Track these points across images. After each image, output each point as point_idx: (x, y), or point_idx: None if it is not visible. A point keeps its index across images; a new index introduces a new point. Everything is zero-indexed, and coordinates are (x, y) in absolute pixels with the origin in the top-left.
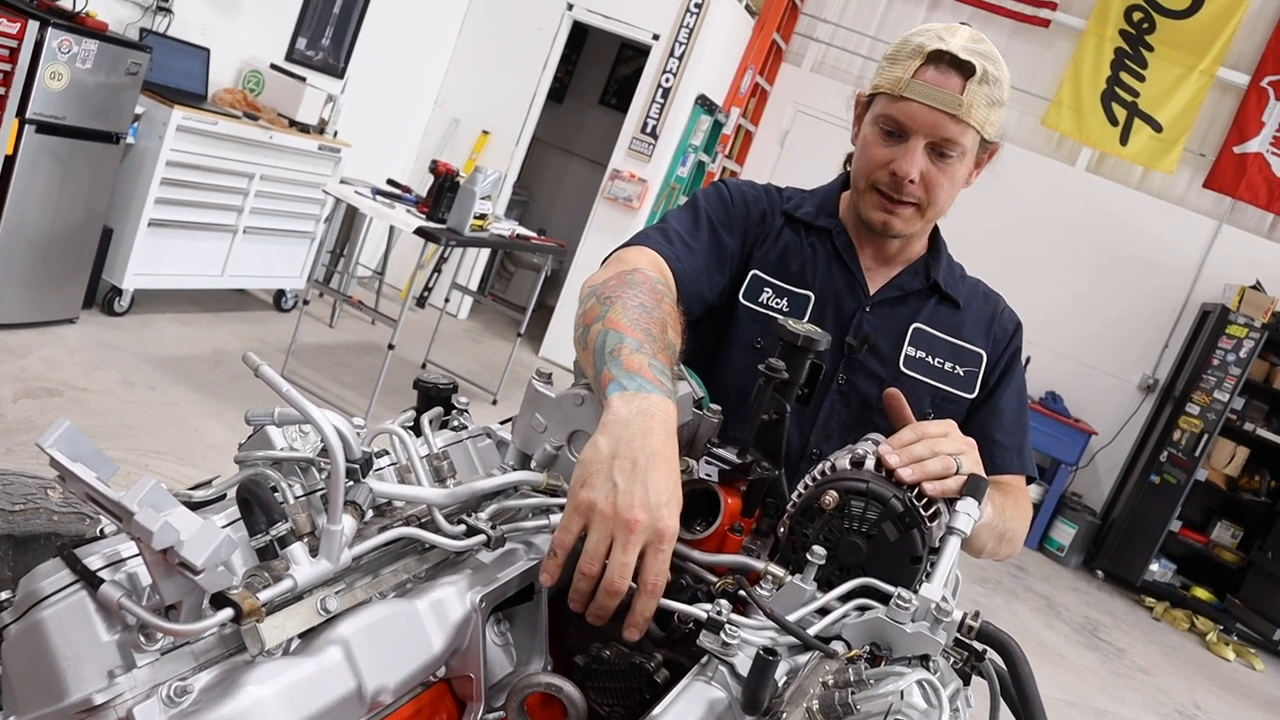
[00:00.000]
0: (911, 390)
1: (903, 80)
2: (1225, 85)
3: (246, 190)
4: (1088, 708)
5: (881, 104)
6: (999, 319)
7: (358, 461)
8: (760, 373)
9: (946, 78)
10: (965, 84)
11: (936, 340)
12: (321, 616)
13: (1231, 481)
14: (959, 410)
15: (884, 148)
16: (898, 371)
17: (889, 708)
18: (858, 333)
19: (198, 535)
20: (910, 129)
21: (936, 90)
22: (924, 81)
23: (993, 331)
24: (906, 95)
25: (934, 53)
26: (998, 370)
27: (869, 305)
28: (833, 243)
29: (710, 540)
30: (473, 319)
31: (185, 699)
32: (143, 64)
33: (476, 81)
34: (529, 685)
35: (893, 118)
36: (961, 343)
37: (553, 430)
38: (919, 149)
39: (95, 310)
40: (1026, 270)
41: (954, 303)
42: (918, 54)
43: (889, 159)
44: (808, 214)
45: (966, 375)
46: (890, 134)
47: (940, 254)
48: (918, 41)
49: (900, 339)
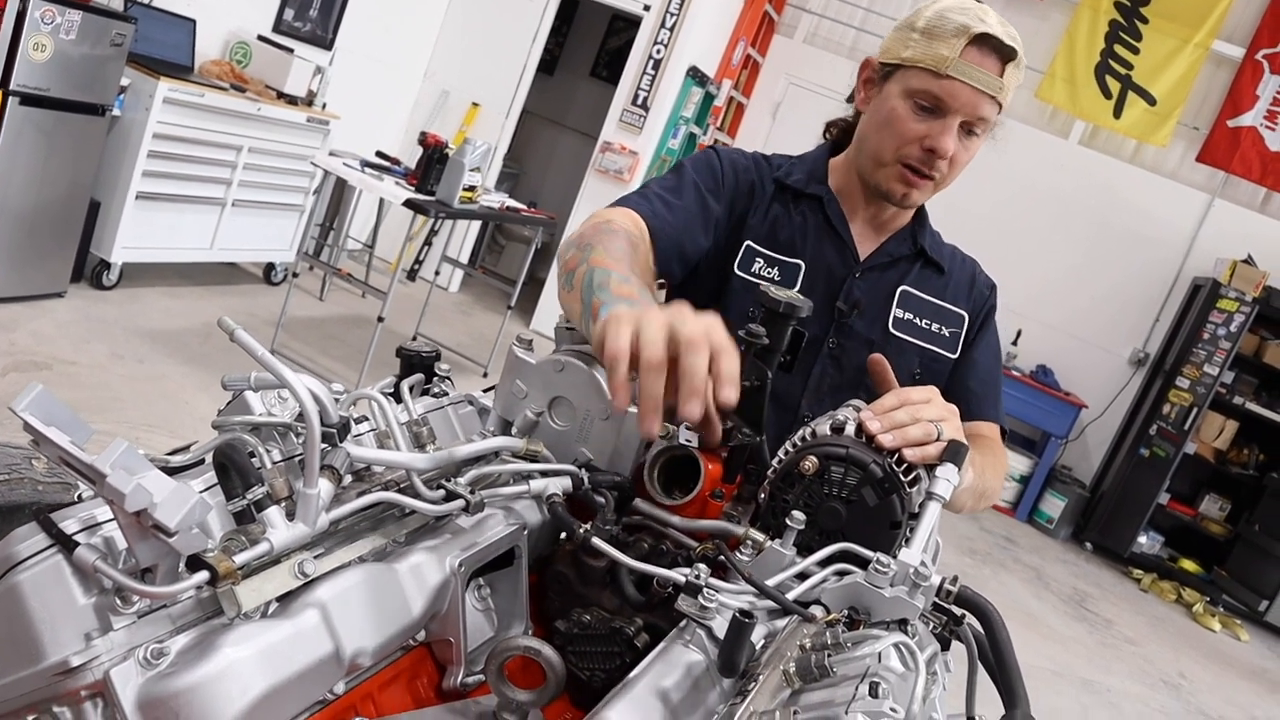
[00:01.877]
0: (900, 351)
1: (949, 59)
2: (1220, 58)
3: (234, 163)
4: (1075, 677)
5: (920, 79)
6: (978, 282)
7: (335, 426)
8: (740, 339)
9: (989, 59)
10: (1004, 67)
11: (923, 302)
12: (299, 580)
13: (1220, 455)
14: (944, 369)
15: (918, 123)
16: (886, 333)
17: (866, 670)
18: (848, 298)
19: (171, 497)
20: (951, 108)
21: (981, 72)
22: (969, 62)
23: (972, 294)
24: (952, 74)
25: (980, 35)
26: (975, 328)
27: (859, 271)
28: (823, 210)
29: (691, 506)
30: (463, 292)
31: (162, 661)
32: (127, 35)
33: (466, 53)
34: (508, 649)
35: (934, 94)
36: (945, 304)
37: (534, 396)
38: (955, 126)
39: (84, 284)
40: (1019, 244)
41: (939, 267)
42: (962, 33)
43: (923, 134)
44: (798, 181)
45: (951, 336)
46: (925, 109)
47: (925, 221)
48: (960, 20)
49: (889, 302)
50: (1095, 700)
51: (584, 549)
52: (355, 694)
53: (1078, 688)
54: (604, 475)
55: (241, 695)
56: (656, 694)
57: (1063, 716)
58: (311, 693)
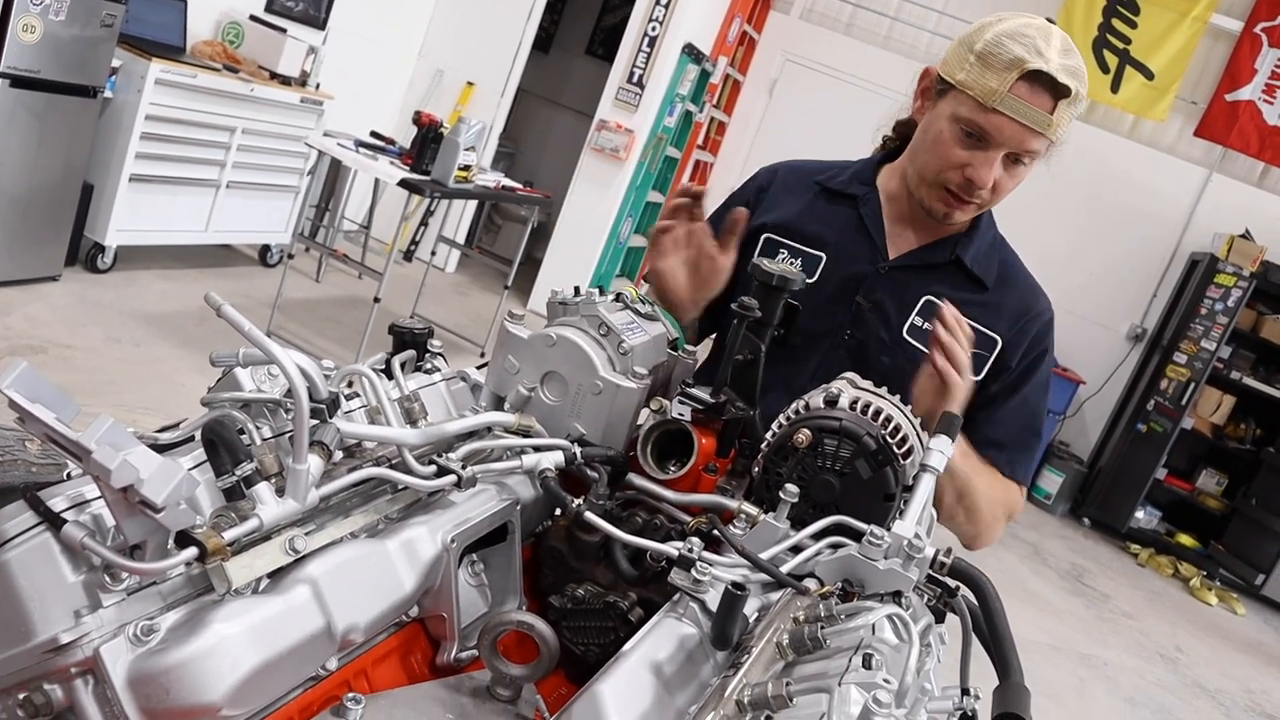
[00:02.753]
0: (911, 358)
1: (997, 93)
2: (1218, 32)
3: (228, 144)
4: (1072, 652)
5: (968, 107)
6: (1031, 314)
7: (324, 402)
8: (733, 312)
9: (1040, 96)
10: (1056, 105)
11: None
12: (290, 556)
13: (1217, 430)
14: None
15: (961, 150)
16: (900, 337)
17: (860, 642)
18: (869, 294)
19: (158, 473)
20: (995, 141)
21: (1030, 109)
22: (1018, 97)
23: (1020, 324)
24: (999, 109)
25: (1034, 71)
26: (1018, 367)
27: (884, 269)
28: (858, 208)
29: (684, 480)
30: (460, 272)
31: (152, 638)
32: (118, 15)
33: (460, 32)
34: (501, 624)
35: (979, 125)
36: (975, 324)
37: (526, 372)
38: (998, 159)
39: (78, 267)
40: (1015, 220)
41: (980, 283)
42: (1015, 66)
43: (965, 162)
44: (840, 183)
45: (975, 358)
46: (970, 137)
47: (977, 232)
48: (1017, 52)
49: (910, 307)
50: (1092, 674)
51: (577, 524)
52: (348, 670)
53: (1075, 661)
54: (596, 449)
55: (232, 671)
56: (650, 667)
57: (1060, 690)
58: (303, 668)
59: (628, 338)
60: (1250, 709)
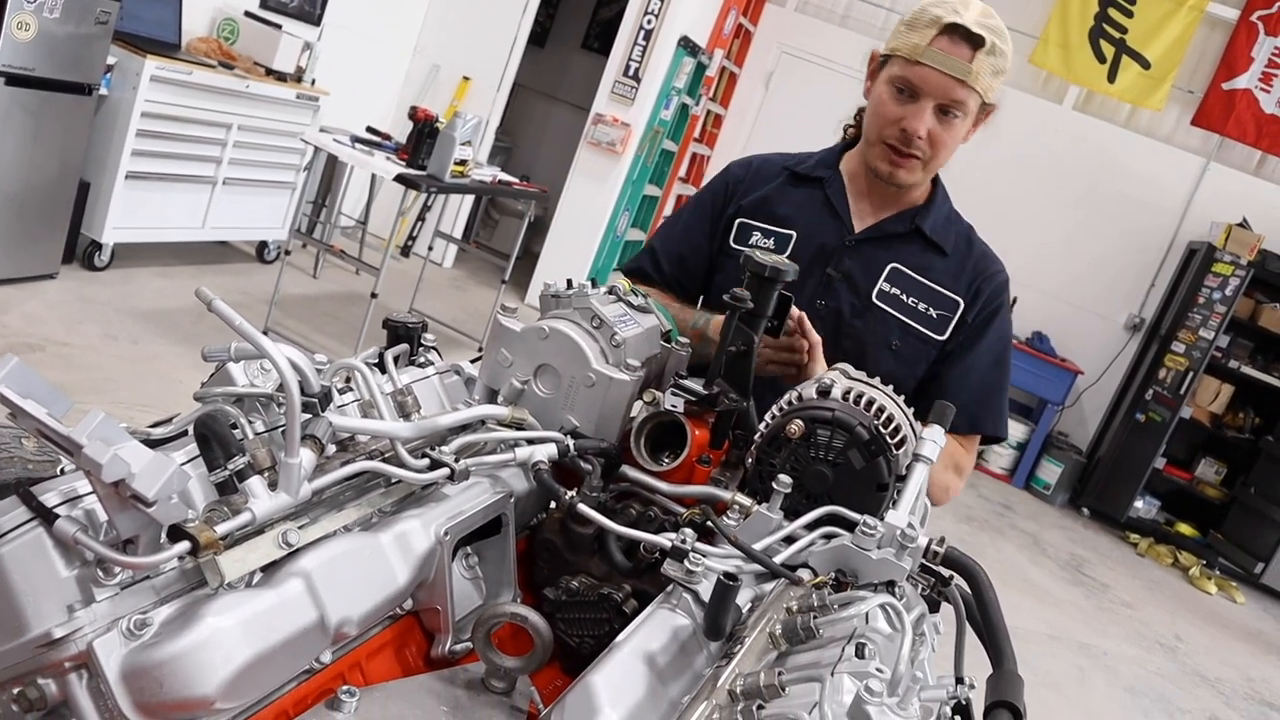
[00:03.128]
0: (881, 321)
1: (919, 47)
2: (1214, 20)
3: (224, 141)
4: (1071, 641)
5: (897, 66)
6: (985, 275)
7: (316, 395)
8: (725, 303)
9: (958, 47)
10: (974, 54)
11: (913, 281)
12: (283, 550)
13: (1216, 419)
14: (927, 349)
15: (896, 106)
16: (869, 302)
17: (853, 631)
18: (838, 266)
19: (149, 467)
20: (922, 91)
21: (949, 58)
22: (938, 49)
23: (975, 285)
24: (922, 61)
25: (949, 24)
26: (974, 325)
27: (851, 242)
28: (824, 189)
29: (678, 472)
30: (458, 267)
31: (145, 631)
32: (112, 12)
33: (456, 27)
34: (495, 616)
35: (907, 79)
36: (938, 287)
37: (519, 365)
38: (928, 109)
39: (75, 265)
40: (1013, 210)
41: (940, 249)
42: (934, 24)
43: (900, 116)
44: (807, 168)
45: (939, 318)
46: (902, 93)
47: (934, 204)
48: (935, 13)
49: (877, 275)
50: (1092, 663)
51: (571, 516)
52: (343, 663)
53: (1075, 651)
54: (590, 442)
55: (225, 664)
56: (643, 658)
57: (1060, 680)
58: (297, 661)
59: (620, 330)
60: (1250, 697)
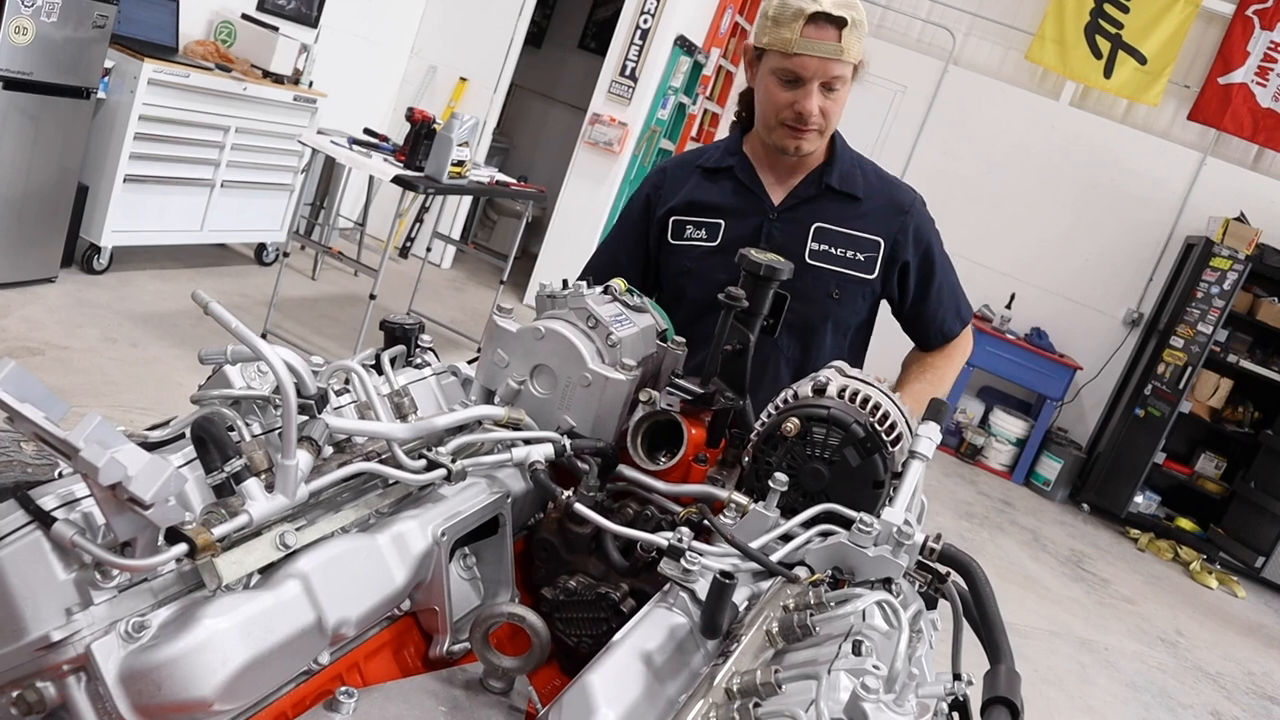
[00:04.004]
0: (818, 277)
1: (792, 40)
2: (1210, 15)
3: (222, 143)
4: (1072, 637)
5: (776, 60)
6: (901, 210)
7: (312, 397)
8: (720, 302)
9: (825, 31)
10: (840, 33)
11: (837, 234)
12: (281, 551)
13: (1215, 413)
14: (864, 289)
15: (785, 92)
16: (805, 264)
17: (850, 629)
18: (769, 239)
19: (146, 470)
20: (805, 76)
21: (820, 43)
22: (810, 38)
23: (898, 223)
24: (798, 51)
25: (813, 14)
26: (916, 265)
27: (775, 215)
28: (736, 174)
29: (675, 471)
30: (456, 268)
31: (144, 634)
32: (110, 16)
33: (453, 28)
34: (493, 616)
35: (789, 70)
36: (859, 233)
37: (515, 365)
38: (814, 90)
39: (74, 269)
40: (1011, 207)
41: (853, 197)
42: (799, 15)
43: (791, 100)
44: (715, 160)
45: (866, 260)
46: (787, 81)
47: (835, 159)
48: (797, 4)
49: (804, 237)
50: (1094, 659)
51: (569, 515)
52: (341, 664)
53: (1075, 647)
54: (586, 441)
55: (223, 666)
56: (640, 657)
57: (1062, 676)
58: (295, 663)
59: (616, 329)
60: (1251, 691)
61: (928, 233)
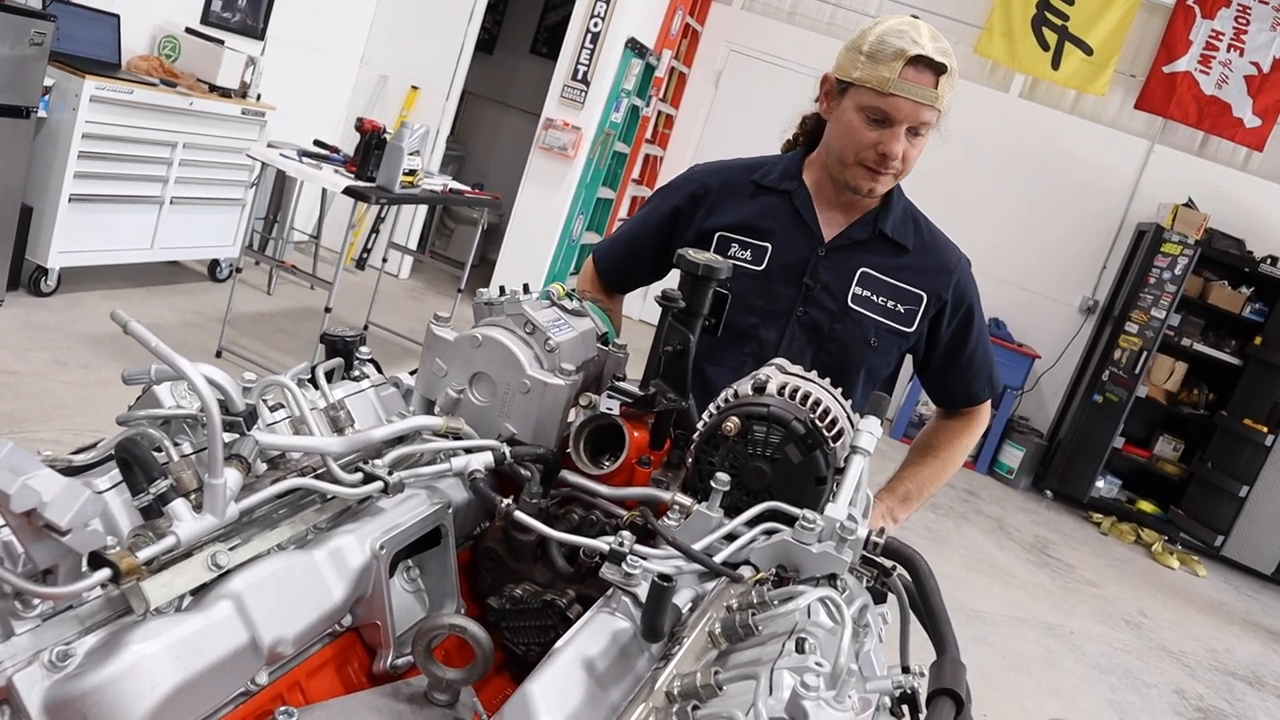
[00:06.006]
0: (858, 323)
1: (890, 80)
2: (1153, 5)
3: (170, 160)
4: (1038, 623)
5: (867, 96)
6: (947, 269)
7: (241, 414)
8: (657, 302)
9: (924, 75)
10: (938, 79)
11: (881, 282)
12: (213, 572)
13: (1171, 396)
14: (900, 342)
15: (870, 132)
16: (846, 306)
17: (794, 626)
18: (814, 275)
19: (61, 495)
20: (897, 119)
21: (918, 87)
22: (908, 80)
23: (942, 281)
24: (894, 92)
25: (915, 56)
26: (954, 323)
27: (823, 251)
28: (793, 201)
29: (618, 475)
30: (414, 278)
31: (68, 663)
32: (48, 33)
33: (403, 36)
34: (434, 629)
35: (881, 110)
36: (903, 285)
37: (454, 374)
38: (901, 133)
39: (21, 292)
40: (965, 199)
41: (902, 248)
42: (899, 56)
43: (875, 141)
44: (773, 180)
45: (906, 313)
46: (876, 120)
47: (891, 205)
48: (897, 45)
49: (849, 280)
50: (1060, 644)
51: (512, 524)
52: (281, 683)
53: (1041, 632)
54: (527, 448)
55: (151, 692)
56: (582, 664)
57: (1029, 662)
58: (229, 685)
59: (554, 335)
60: (1214, 668)
61: (970, 295)
